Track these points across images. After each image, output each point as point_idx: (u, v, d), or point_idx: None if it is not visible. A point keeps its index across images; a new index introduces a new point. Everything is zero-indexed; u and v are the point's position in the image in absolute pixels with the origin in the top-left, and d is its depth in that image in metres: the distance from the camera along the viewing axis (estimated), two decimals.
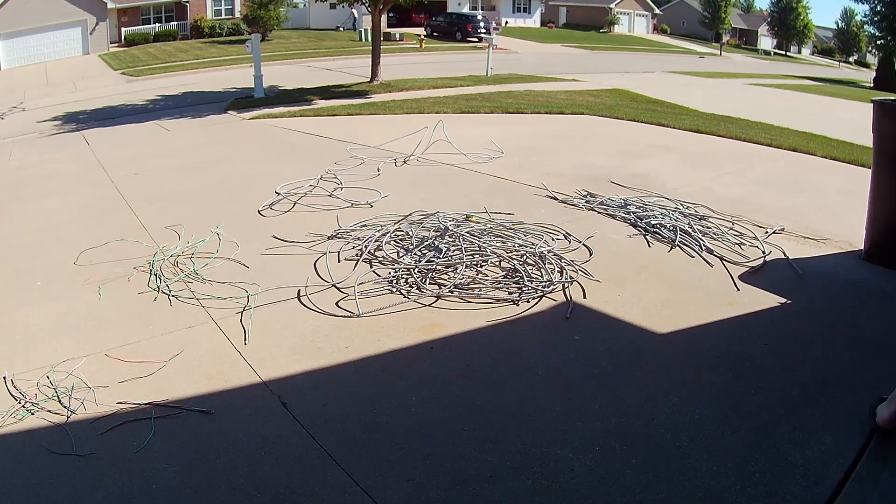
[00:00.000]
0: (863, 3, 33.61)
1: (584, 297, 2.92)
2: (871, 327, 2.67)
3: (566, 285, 3.02)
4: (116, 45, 28.64)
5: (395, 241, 3.53)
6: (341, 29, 30.74)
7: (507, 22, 40.47)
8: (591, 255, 3.38)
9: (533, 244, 3.43)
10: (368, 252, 3.40)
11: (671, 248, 3.50)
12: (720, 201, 4.24)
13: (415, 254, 3.30)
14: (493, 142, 6.28)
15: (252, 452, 1.92)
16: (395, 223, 3.73)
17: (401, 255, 3.34)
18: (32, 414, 2.12)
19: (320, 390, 2.24)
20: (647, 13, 50.12)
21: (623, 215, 4.00)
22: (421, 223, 3.76)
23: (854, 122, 8.22)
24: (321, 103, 10.61)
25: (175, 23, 31.13)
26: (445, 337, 2.60)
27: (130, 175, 5.71)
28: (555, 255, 3.31)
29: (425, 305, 2.86)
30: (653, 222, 3.79)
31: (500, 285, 3.01)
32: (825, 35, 61.01)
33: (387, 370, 2.37)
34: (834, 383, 2.24)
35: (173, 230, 3.94)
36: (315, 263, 3.36)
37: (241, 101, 11.61)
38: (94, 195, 5.10)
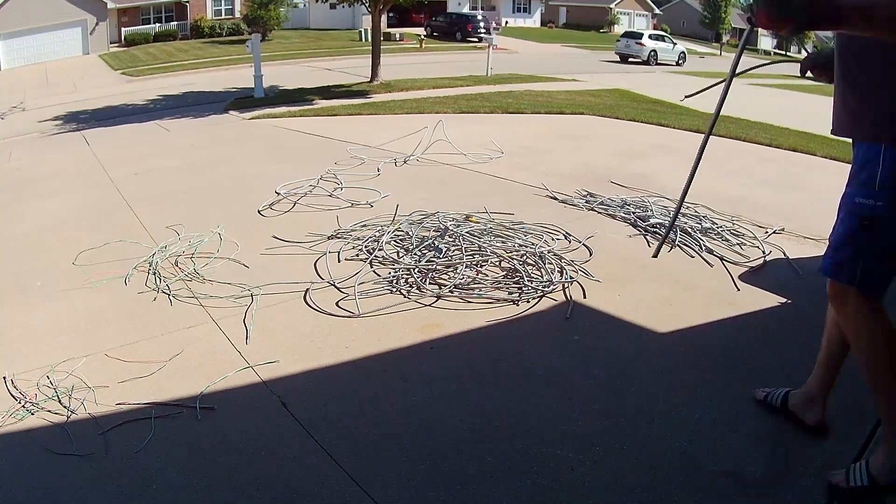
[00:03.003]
0: None
1: (584, 297, 2.92)
2: None
3: (566, 285, 3.02)
4: (116, 45, 28.64)
5: (395, 241, 3.53)
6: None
7: (507, 22, 40.47)
8: (591, 255, 3.39)
9: (533, 244, 3.43)
10: (368, 252, 3.40)
11: (671, 248, 3.50)
12: (720, 201, 4.24)
13: (415, 254, 3.30)
14: (493, 142, 6.28)
15: (252, 452, 1.92)
16: (395, 223, 3.72)
17: (401, 255, 3.34)
18: (32, 414, 2.12)
19: (320, 390, 2.24)
20: (647, 13, 50.12)
21: (623, 215, 4.00)
22: (421, 223, 3.76)
23: None
24: (321, 103, 10.62)
25: (175, 23, 31.13)
26: (445, 337, 2.60)
27: (130, 175, 5.71)
28: (555, 255, 3.31)
29: (425, 305, 2.86)
30: (653, 222, 3.79)
31: (500, 285, 3.01)
32: (825, 35, 60.99)
33: (387, 370, 2.37)
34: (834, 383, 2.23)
35: (173, 230, 3.94)
36: (315, 263, 3.36)
37: (242, 101, 11.61)
38: (94, 195, 5.10)
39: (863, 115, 1.55)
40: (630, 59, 24.62)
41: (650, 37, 25.88)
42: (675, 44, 26.90)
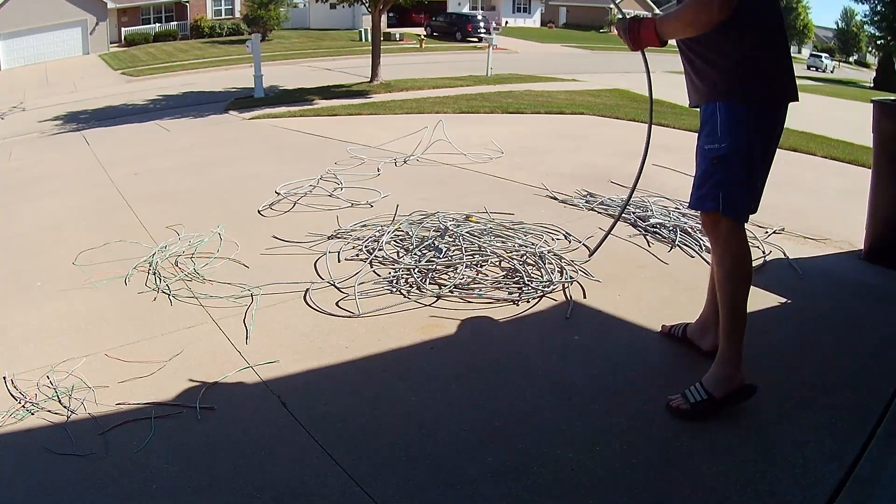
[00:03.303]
0: (863, 3, 33.75)
1: (585, 297, 2.92)
2: (872, 327, 2.67)
3: (566, 285, 3.02)
4: (116, 45, 28.68)
5: (395, 241, 3.53)
6: None
7: (507, 22, 40.50)
8: (591, 255, 3.38)
9: (533, 244, 3.43)
10: (368, 252, 3.40)
11: (671, 248, 3.50)
12: None
13: (415, 254, 3.30)
14: (493, 142, 6.29)
15: (252, 452, 1.92)
16: (395, 223, 3.72)
17: (401, 255, 3.34)
18: (32, 414, 2.12)
19: (320, 390, 2.24)
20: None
21: (623, 215, 4.00)
22: (421, 223, 3.76)
23: (854, 122, 8.21)
24: (321, 103, 10.62)
25: (175, 23, 31.17)
26: (445, 337, 2.60)
27: (130, 175, 5.71)
28: (555, 254, 3.31)
29: (425, 305, 2.86)
30: (653, 222, 3.79)
31: (500, 285, 3.01)
32: (825, 35, 61.04)
33: (387, 370, 2.37)
34: (834, 383, 2.24)
35: (173, 230, 3.94)
36: (315, 263, 3.36)
37: (242, 101, 11.62)
38: (94, 195, 5.10)
39: (701, 87, 2.06)
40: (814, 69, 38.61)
41: (822, 57, 44.01)
42: (828, 59, 44.46)
